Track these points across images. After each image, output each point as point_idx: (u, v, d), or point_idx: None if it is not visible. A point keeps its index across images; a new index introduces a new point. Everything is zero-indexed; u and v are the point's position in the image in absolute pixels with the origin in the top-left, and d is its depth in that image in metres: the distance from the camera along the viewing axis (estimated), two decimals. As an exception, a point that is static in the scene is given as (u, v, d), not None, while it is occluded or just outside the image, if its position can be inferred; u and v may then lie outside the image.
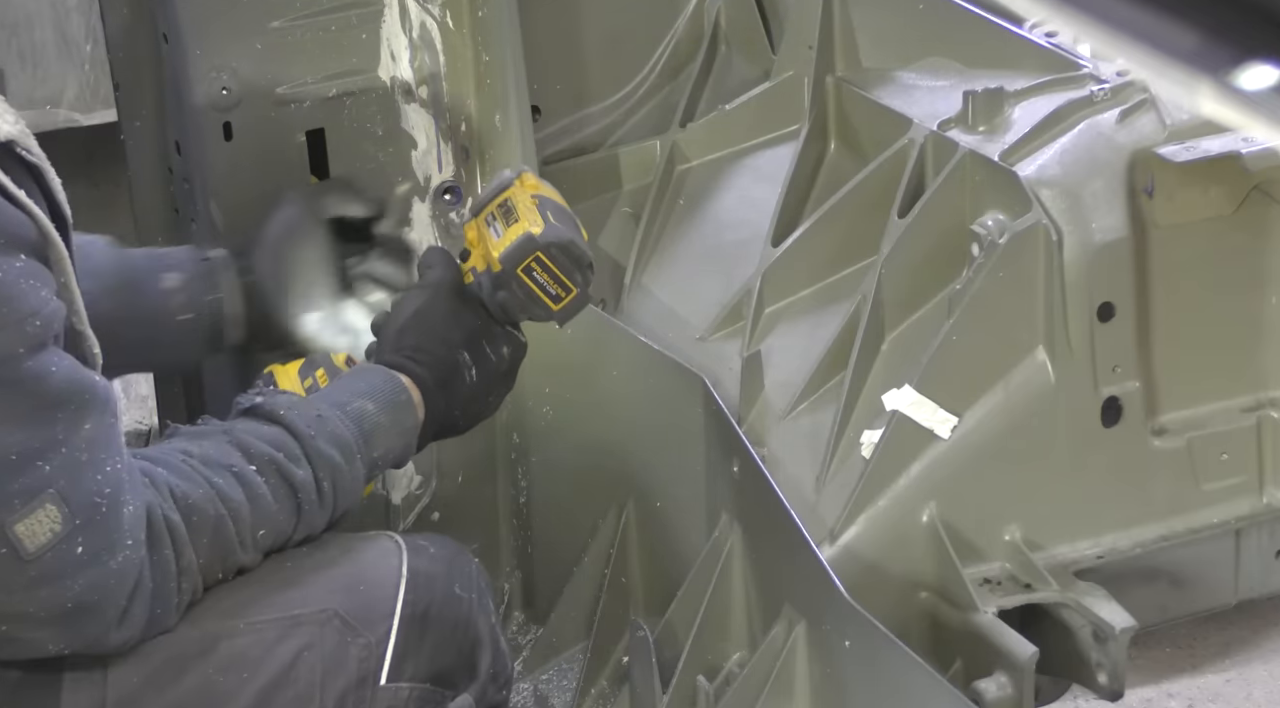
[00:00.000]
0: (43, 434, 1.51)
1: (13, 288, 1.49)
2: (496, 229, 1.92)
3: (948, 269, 1.96)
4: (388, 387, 1.86)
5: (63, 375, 1.52)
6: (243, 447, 1.71)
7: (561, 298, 1.91)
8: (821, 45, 2.24)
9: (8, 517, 1.51)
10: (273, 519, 1.71)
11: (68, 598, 1.56)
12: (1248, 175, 1.94)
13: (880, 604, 1.80)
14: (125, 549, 1.58)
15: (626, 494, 2.19)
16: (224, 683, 1.69)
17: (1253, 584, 2.04)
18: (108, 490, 1.56)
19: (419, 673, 1.78)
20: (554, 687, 2.25)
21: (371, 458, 1.81)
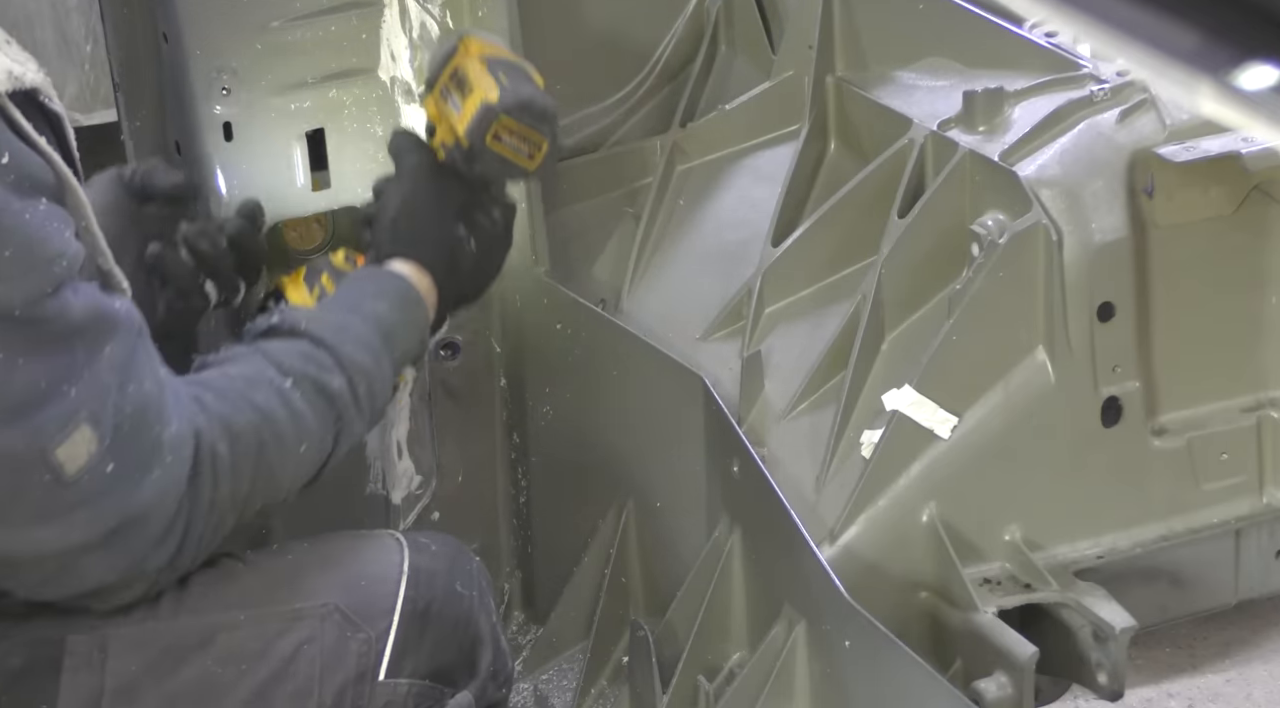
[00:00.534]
0: (64, 361, 1.53)
1: (39, 231, 1.51)
2: (455, 102, 1.94)
3: (948, 269, 1.96)
4: (396, 285, 1.90)
5: (82, 304, 1.54)
6: (276, 363, 1.73)
7: (535, 155, 1.95)
8: (821, 45, 2.24)
9: (48, 442, 1.53)
10: (314, 435, 1.72)
11: (109, 518, 1.58)
12: (1248, 175, 1.94)
13: (880, 604, 1.80)
14: (160, 467, 1.59)
15: (626, 494, 2.19)
16: (223, 675, 1.69)
17: (1253, 584, 2.04)
18: (131, 411, 1.57)
19: (419, 669, 1.77)
20: (554, 687, 2.25)
21: (394, 358, 1.84)
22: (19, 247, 1.49)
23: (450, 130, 1.94)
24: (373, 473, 2.32)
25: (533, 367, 2.32)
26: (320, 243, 2.45)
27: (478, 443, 2.38)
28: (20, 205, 1.50)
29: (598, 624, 2.20)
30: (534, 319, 2.30)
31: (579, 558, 2.24)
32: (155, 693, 1.67)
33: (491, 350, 2.37)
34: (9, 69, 1.52)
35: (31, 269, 1.50)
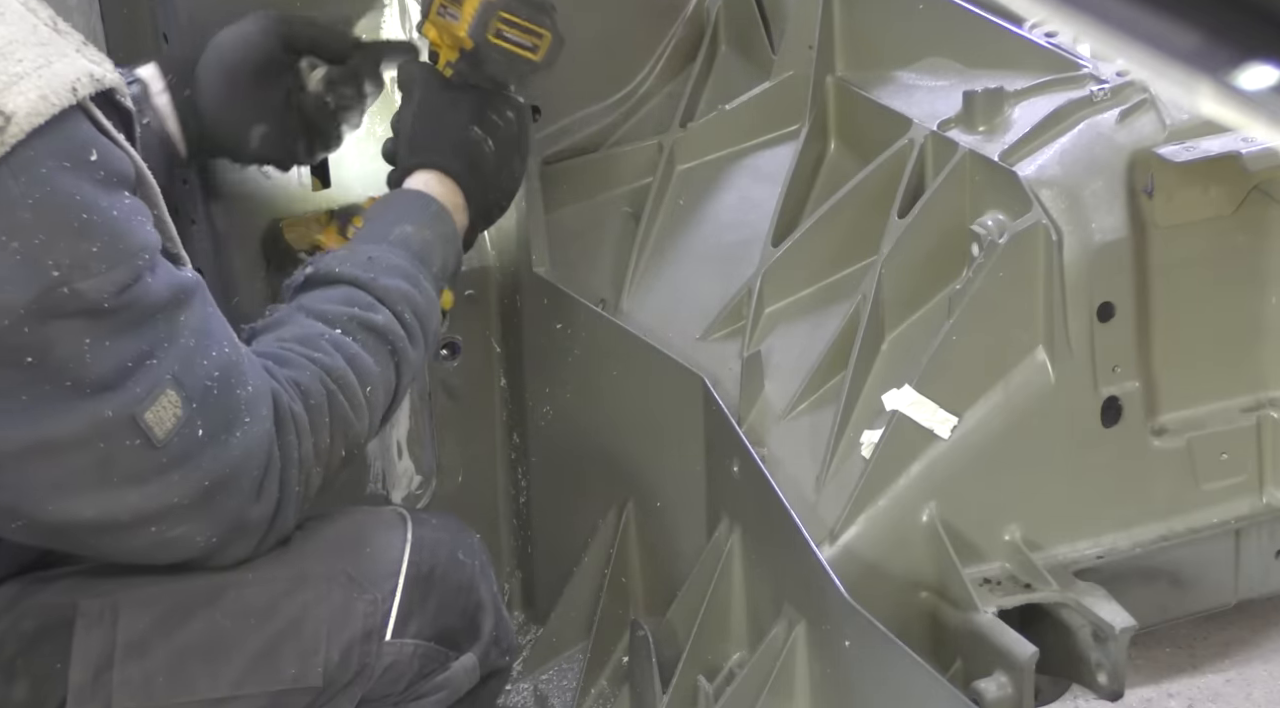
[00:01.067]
0: (149, 335, 1.59)
1: (126, 224, 1.57)
2: (452, 14, 1.97)
3: (948, 269, 1.96)
4: (417, 202, 1.94)
5: (160, 285, 1.60)
6: (320, 315, 1.79)
7: (539, 46, 1.98)
8: (821, 45, 2.24)
9: (137, 408, 1.58)
10: (374, 373, 1.78)
11: (201, 477, 1.64)
12: (1248, 175, 1.94)
13: (880, 604, 1.80)
14: (243, 426, 1.66)
15: (626, 494, 2.19)
16: (232, 629, 1.72)
17: (1253, 584, 2.04)
18: (216, 373, 1.64)
19: (423, 631, 1.81)
20: (554, 687, 2.25)
21: (432, 274, 1.88)
22: (108, 241, 1.55)
23: (453, 43, 1.97)
24: (373, 473, 2.32)
25: (533, 367, 2.32)
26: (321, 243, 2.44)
27: (478, 443, 2.38)
28: (108, 201, 1.56)
29: (598, 624, 2.20)
30: (534, 319, 2.30)
31: (579, 558, 2.24)
32: (165, 646, 1.70)
33: (491, 350, 2.37)
34: (90, 71, 1.56)
35: (120, 262, 1.55)
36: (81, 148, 1.55)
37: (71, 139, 1.54)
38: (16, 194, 1.51)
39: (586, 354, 2.22)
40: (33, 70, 1.53)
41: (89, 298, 1.54)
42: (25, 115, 1.50)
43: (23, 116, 1.50)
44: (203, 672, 1.71)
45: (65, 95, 1.53)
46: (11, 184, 1.51)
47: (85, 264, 1.53)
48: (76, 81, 1.55)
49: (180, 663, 1.71)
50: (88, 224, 1.54)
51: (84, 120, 1.56)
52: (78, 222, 1.53)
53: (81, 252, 1.53)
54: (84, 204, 1.54)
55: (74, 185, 1.53)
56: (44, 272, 1.51)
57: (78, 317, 1.54)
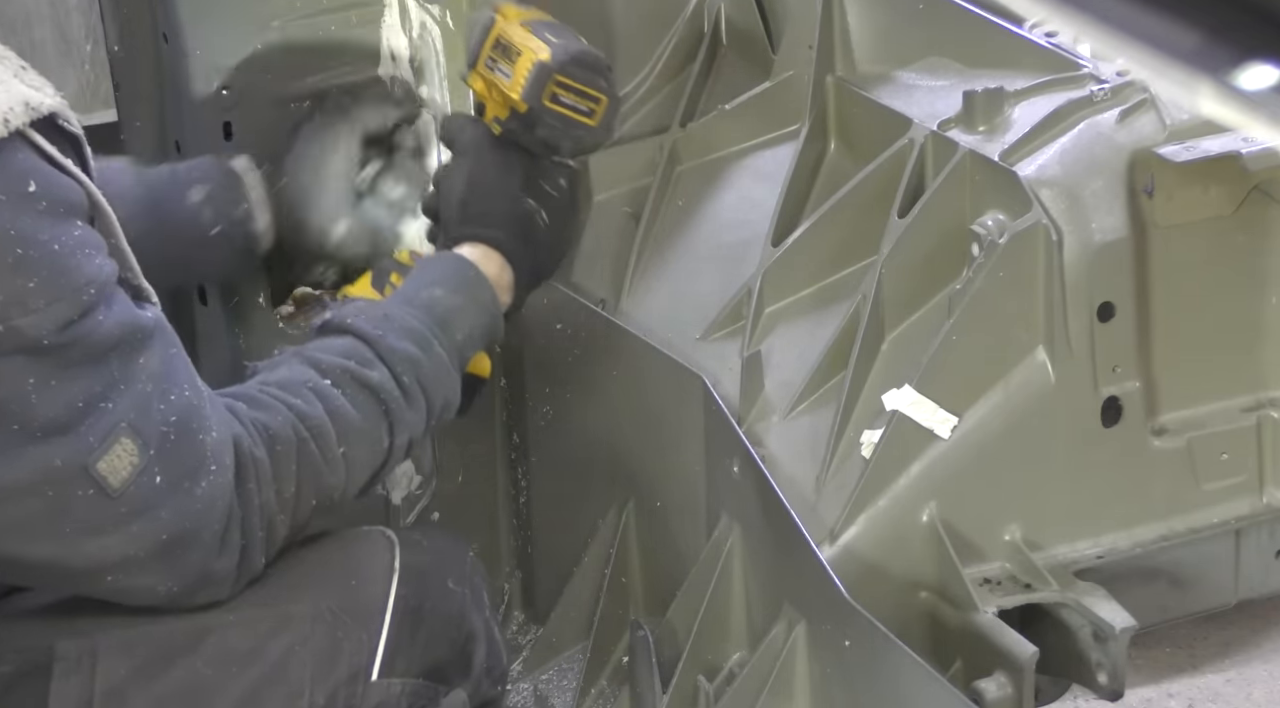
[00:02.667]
0: (101, 377, 1.53)
1: (70, 259, 1.51)
2: (503, 71, 1.88)
3: (948, 269, 1.96)
4: (453, 267, 1.87)
5: (112, 322, 1.54)
6: (314, 363, 1.72)
7: (595, 111, 1.89)
8: (821, 45, 2.24)
9: (89, 457, 1.53)
10: (359, 429, 1.71)
11: (160, 529, 1.58)
12: (1248, 175, 1.93)
13: (880, 604, 1.80)
14: (209, 475, 1.60)
15: (626, 494, 2.19)
16: (212, 677, 1.68)
17: (1253, 584, 2.04)
18: (174, 418, 1.58)
19: (411, 668, 1.77)
20: (554, 687, 2.25)
21: (454, 342, 1.82)
22: (46, 277, 1.49)
23: (503, 101, 1.88)
24: (373, 473, 2.32)
25: (533, 367, 2.32)
26: None
27: (478, 443, 2.38)
28: (49, 234, 1.50)
29: (598, 624, 2.20)
30: (534, 319, 2.29)
31: (579, 558, 2.24)
32: (145, 695, 1.66)
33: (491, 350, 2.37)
34: (25, 99, 1.51)
35: (58, 298, 1.50)
36: (17, 180, 1.49)
37: (5, 170, 1.49)
38: None
39: (586, 354, 2.22)
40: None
41: (27, 334, 1.48)
42: None
43: None
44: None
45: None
46: None
47: (22, 300, 1.48)
48: (9, 111, 1.49)
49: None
50: (23, 259, 1.48)
51: (20, 149, 1.50)
52: (12, 257, 1.48)
53: (17, 287, 1.48)
54: (18, 238, 1.48)
55: (8, 219, 1.48)
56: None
57: (17, 354, 1.49)
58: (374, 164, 2.08)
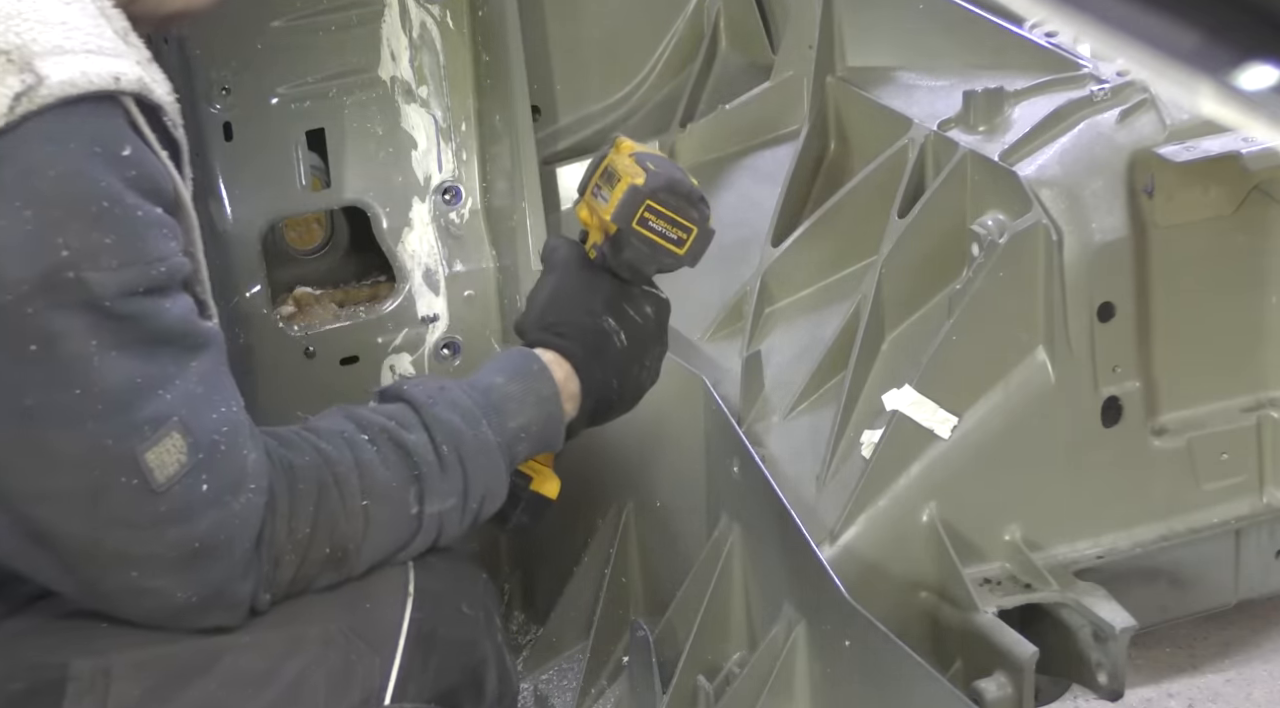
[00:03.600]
0: (156, 363, 1.53)
1: (148, 230, 1.51)
2: (603, 196, 1.89)
3: (948, 269, 1.96)
4: (517, 359, 1.86)
5: (175, 316, 1.54)
6: (356, 418, 1.72)
7: (684, 240, 1.89)
8: (821, 45, 2.24)
9: (139, 444, 1.52)
10: (385, 486, 1.69)
11: (194, 537, 1.57)
12: (1248, 175, 1.94)
13: (880, 604, 1.80)
14: (248, 493, 1.59)
15: (626, 494, 2.19)
16: (226, 699, 1.66)
17: (1253, 584, 2.04)
18: (225, 430, 1.57)
19: (423, 693, 1.75)
20: (554, 687, 2.25)
21: (507, 428, 1.79)
22: (122, 238, 1.49)
23: (600, 225, 1.91)
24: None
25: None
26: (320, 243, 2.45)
27: (478, 443, 2.38)
28: (134, 200, 1.50)
29: (598, 624, 2.20)
30: (534, 319, 2.29)
31: (579, 558, 2.24)
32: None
33: (491, 350, 2.37)
34: (140, 76, 1.53)
35: (129, 263, 1.50)
36: (115, 139, 1.50)
37: (105, 127, 1.50)
38: (39, 160, 1.46)
39: (586, 354, 2.22)
40: (80, 50, 1.49)
41: (93, 290, 1.48)
42: (59, 82, 1.46)
43: (56, 82, 1.46)
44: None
45: (106, 80, 1.49)
46: (36, 149, 1.46)
47: (95, 254, 1.47)
48: (121, 75, 1.51)
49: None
50: (107, 213, 1.48)
51: (120, 115, 1.51)
52: (96, 207, 1.48)
53: (93, 241, 1.47)
54: (107, 192, 1.48)
55: (100, 172, 1.48)
56: (53, 249, 1.46)
57: (83, 311, 1.48)
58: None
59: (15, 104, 1.44)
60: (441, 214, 2.33)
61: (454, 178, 2.33)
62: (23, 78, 1.45)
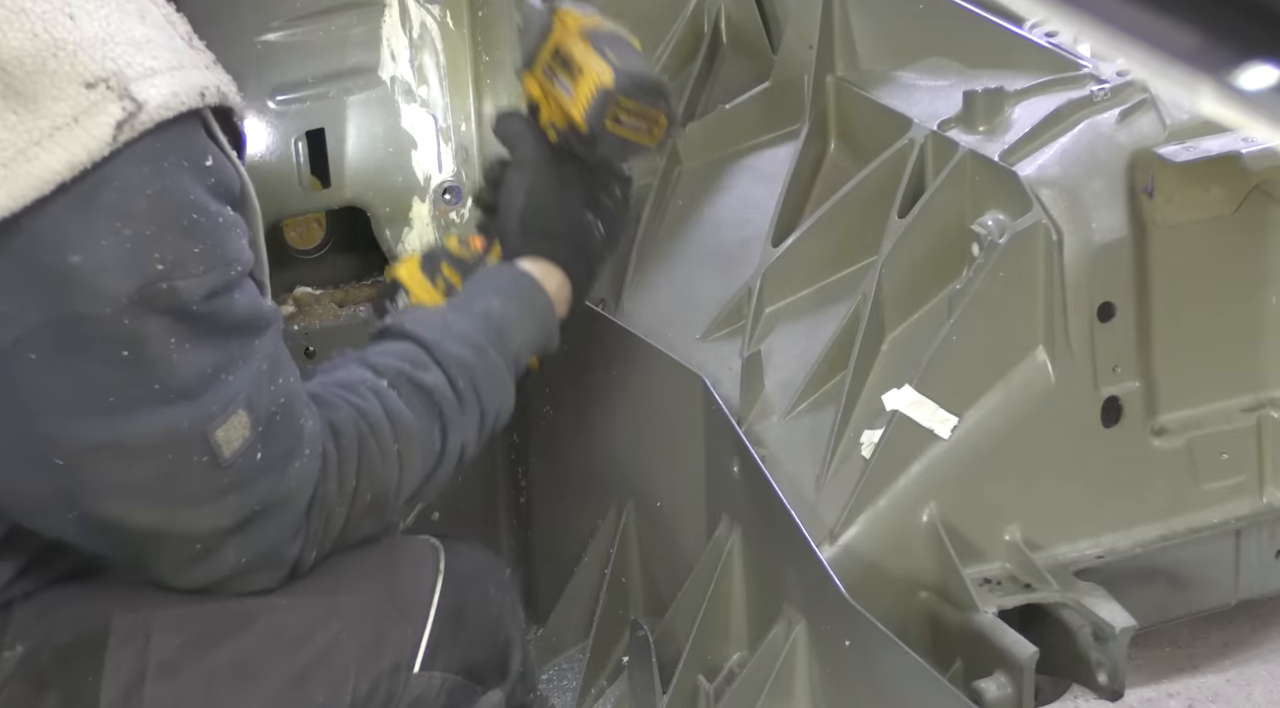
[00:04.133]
0: (227, 350, 1.61)
1: (228, 234, 1.60)
2: (563, 85, 1.90)
3: (948, 269, 1.96)
4: (509, 278, 1.94)
5: (244, 304, 1.62)
6: (372, 366, 1.80)
7: (654, 131, 1.92)
8: (821, 45, 2.24)
9: (209, 424, 1.60)
10: (413, 429, 1.78)
11: (253, 502, 1.65)
12: (1248, 175, 1.93)
13: (880, 604, 1.80)
14: (302, 458, 1.68)
15: (626, 494, 2.19)
16: (263, 655, 1.73)
17: (1253, 584, 2.04)
18: (283, 401, 1.66)
19: (451, 665, 1.81)
20: (554, 687, 2.25)
21: (511, 349, 1.89)
22: (209, 246, 1.57)
23: (560, 112, 1.91)
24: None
25: (533, 367, 2.32)
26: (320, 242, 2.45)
27: (478, 443, 2.38)
28: (216, 207, 1.59)
29: (598, 624, 2.20)
30: (534, 319, 2.29)
31: (579, 558, 2.24)
32: (197, 668, 1.70)
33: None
34: (217, 84, 1.61)
35: (214, 268, 1.58)
36: (200, 152, 1.58)
37: (192, 142, 1.58)
38: (137, 182, 1.54)
39: (586, 354, 2.22)
40: (166, 69, 1.56)
41: (182, 297, 1.56)
42: (156, 107, 1.53)
43: (154, 107, 1.53)
44: (232, 695, 1.71)
45: (194, 97, 1.57)
46: (134, 171, 1.53)
47: (186, 263, 1.56)
48: (205, 89, 1.58)
49: (210, 685, 1.71)
50: (196, 224, 1.56)
51: (201, 126, 1.59)
52: (187, 220, 1.56)
53: (185, 250, 1.56)
54: (195, 205, 1.57)
55: (189, 185, 1.56)
56: (149, 264, 1.54)
57: (169, 315, 1.56)
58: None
59: (118, 133, 1.52)
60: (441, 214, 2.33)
61: (454, 178, 2.34)
62: (123, 105, 1.52)
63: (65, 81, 1.52)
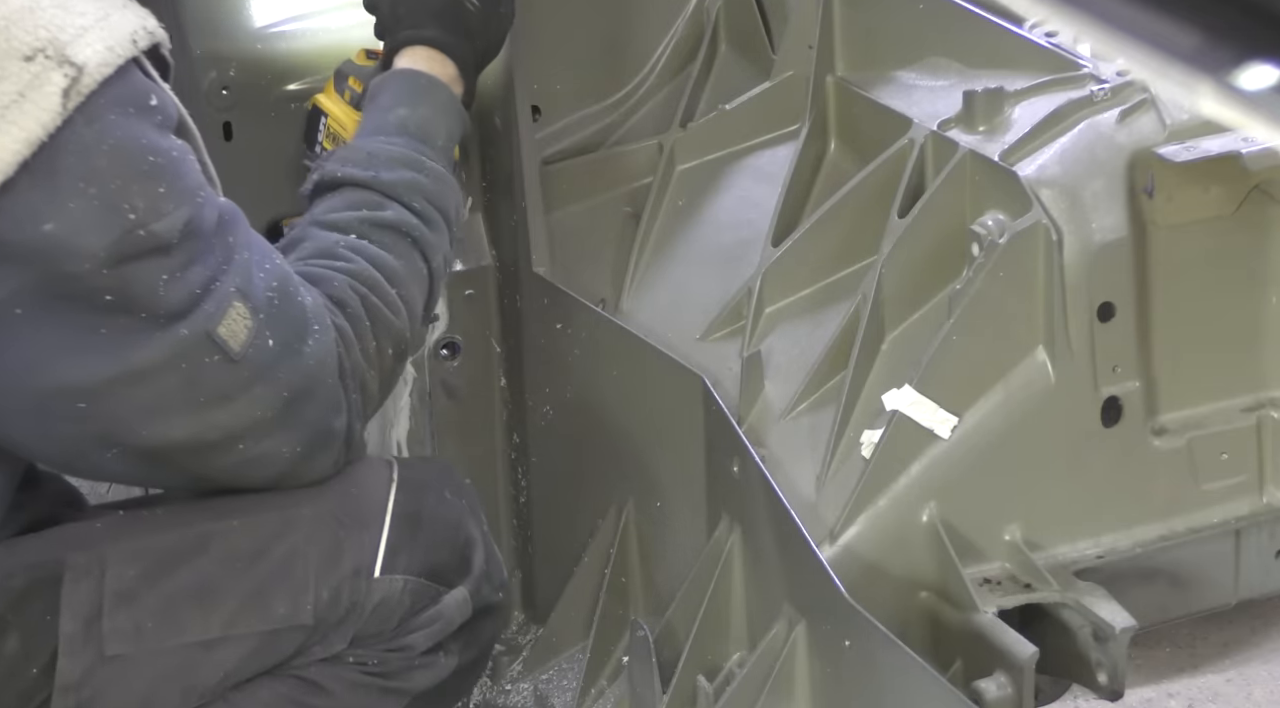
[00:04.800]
0: (211, 261, 1.65)
1: (184, 166, 1.64)
2: None
3: (948, 269, 1.96)
4: (407, 82, 1.99)
5: (211, 212, 1.66)
6: (331, 225, 1.85)
7: None
8: (821, 45, 2.24)
9: (209, 324, 1.64)
10: (401, 270, 1.84)
11: (281, 388, 1.70)
12: (1248, 175, 1.93)
13: (880, 604, 1.80)
14: (314, 334, 1.72)
15: (626, 494, 2.19)
16: (220, 574, 1.75)
17: (1253, 584, 2.04)
18: (275, 284, 1.70)
19: (412, 567, 1.84)
20: (554, 687, 2.25)
21: (438, 148, 1.94)
22: (172, 183, 1.61)
23: None
24: (373, 473, 2.32)
25: (533, 367, 2.32)
26: None
27: (478, 443, 2.38)
28: (168, 143, 1.63)
29: (598, 624, 2.20)
30: (534, 319, 2.30)
31: (579, 558, 2.24)
32: (154, 593, 1.73)
33: (491, 350, 2.37)
34: (144, 24, 1.63)
35: (183, 202, 1.62)
36: (143, 94, 1.61)
37: (135, 87, 1.60)
38: (91, 141, 1.56)
39: (586, 354, 2.22)
40: (94, 23, 1.58)
41: (161, 237, 1.60)
42: (96, 66, 1.56)
43: (94, 67, 1.56)
44: (193, 615, 1.74)
45: (127, 46, 1.59)
46: (86, 132, 1.56)
47: (157, 206, 1.59)
48: (135, 33, 1.61)
49: (170, 608, 1.73)
50: (155, 166, 1.60)
51: (137, 68, 1.62)
52: (146, 165, 1.59)
53: (152, 194, 1.59)
54: (151, 147, 1.60)
55: (141, 130, 1.60)
56: (121, 216, 1.57)
57: (151, 255, 1.60)
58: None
59: (66, 100, 1.55)
60: (441, 214, 2.33)
61: (454, 177, 2.33)
62: (64, 72, 1.55)
63: (3, 59, 1.54)
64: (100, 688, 1.71)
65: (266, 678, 1.79)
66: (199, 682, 1.75)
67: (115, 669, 1.71)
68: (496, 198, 2.35)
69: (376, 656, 1.83)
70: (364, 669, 1.82)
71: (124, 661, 1.72)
